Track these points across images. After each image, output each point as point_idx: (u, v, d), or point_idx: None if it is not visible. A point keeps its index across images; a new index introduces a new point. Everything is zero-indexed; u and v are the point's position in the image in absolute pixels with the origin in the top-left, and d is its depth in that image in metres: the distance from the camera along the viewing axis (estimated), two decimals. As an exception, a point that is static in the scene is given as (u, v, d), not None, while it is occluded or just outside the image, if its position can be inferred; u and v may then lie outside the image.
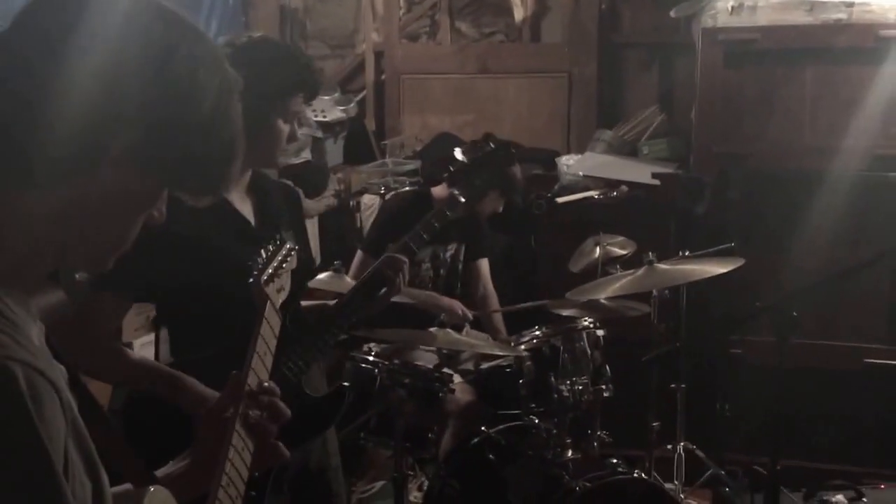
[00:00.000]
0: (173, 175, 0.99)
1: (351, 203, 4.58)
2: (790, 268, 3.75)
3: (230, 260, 1.90)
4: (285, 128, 2.02)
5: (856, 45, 3.75)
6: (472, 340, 2.96)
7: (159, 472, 1.21)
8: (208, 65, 0.99)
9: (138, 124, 0.93)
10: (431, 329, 2.78)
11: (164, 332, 2.35)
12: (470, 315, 3.47)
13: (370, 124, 5.26)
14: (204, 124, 0.97)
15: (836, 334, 3.85)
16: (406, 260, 2.16)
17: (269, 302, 1.45)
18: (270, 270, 1.56)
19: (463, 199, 2.29)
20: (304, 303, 2.26)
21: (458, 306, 3.45)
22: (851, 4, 3.80)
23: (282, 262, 1.62)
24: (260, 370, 1.31)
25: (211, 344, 1.92)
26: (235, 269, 1.76)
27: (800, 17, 3.84)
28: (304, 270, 2.21)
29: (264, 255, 1.60)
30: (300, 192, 2.34)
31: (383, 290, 2.16)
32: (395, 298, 3.26)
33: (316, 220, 4.52)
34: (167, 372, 1.94)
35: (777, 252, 3.81)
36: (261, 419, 1.25)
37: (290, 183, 2.38)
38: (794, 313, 2.17)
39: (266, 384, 1.29)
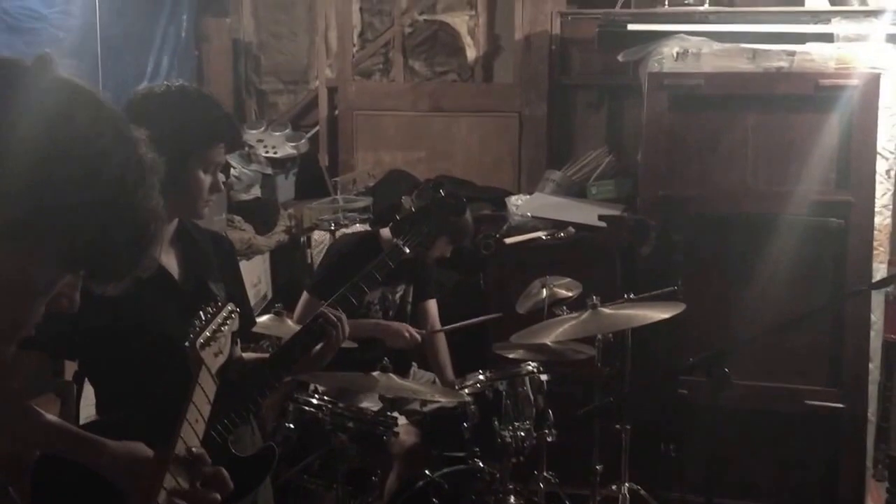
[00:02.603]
0: (71, 258, 0.92)
1: (302, 239, 4.57)
2: (733, 309, 3.81)
3: (149, 315, 1.85)
4: (206, 179, 1.97)
5: (797, 92, 3.83)
6: (414, 386, 2.95)
7: None
8: (109, 143, 0.91)
9: (21, 199, 0.86)
10: (374, 373, 2.77)
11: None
12: (418, 337, 3.47)
13: (323, 160, 5.27)
14: (103, 205, 0.90)
15: (778, 376, 3.91)
16: (342, 316, 2.11)
17: (204, 367, 1.41)
18: (208, 333, 1.50)
19: (407, 250, 2.24)
20: (247, 355, 2.23)
21: (404, 329, 3.45)
22: (793, 53, 3.89)
23: (221, 324, 1.56)
24: (190, 438, 1.27)
25: (134, 402, 1.85)
26: (155, 325, 1.72)
27: (742, 65, 3.92)
28: (242, 324, 2.18)
29: (203, 318, 1.54)
30: (232, 241, 2.28)
31: (319, 346, 2.09)
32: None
33: (267, 255, 4.50)
34: (81, 434, 1.85)
35: (720, 294, 3.87)
36: (190, 489, 1.21)
37: (221, 232, 2.31)
38: (726, 370, 2.19)
39: (195, 451, 1.25)
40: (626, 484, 3.52)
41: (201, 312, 1.54)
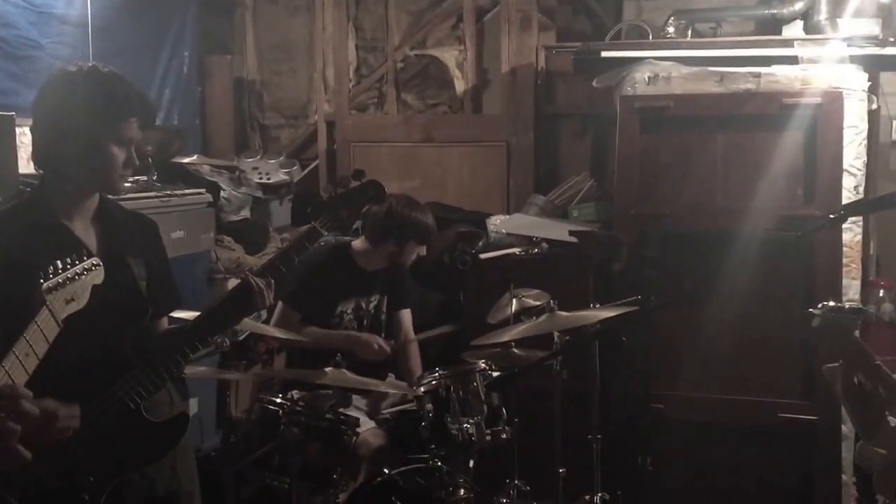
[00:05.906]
0: None
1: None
2: (704, 323, 3.88)
3: None
4: (120, 153, 2.06)
5: (763, 112, 3.93)
6: (361, 378, 3.05)
7: None
8: None
9: None
10: (326, 369, 2.87)
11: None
12: (388, 348, 3.56)
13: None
14: None
15: (751, 390, 3.95)
16: (266, 282, 2.24)
17: (45, 308, 1.47)
18: (59, 279, 1.55)
19: (325, 233, 2.37)
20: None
21: (374, 340, 3.54)
22: (759, 75, 4.01)
23: (79, 273, 1.60)
24: (16, 370, 1.34)
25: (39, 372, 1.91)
26: None
27: (711, 87, 4.05)
28: (167, 304, 2.32)
29: (59, 265, 1.59)
30: (157, 223, 2.38)
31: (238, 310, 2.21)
32: (312, 344, 3.37)
33: (259, 278, 4.66)
34: None
35: (692, 307, 3.93)
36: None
37: (146, 214, 2.43)
38: (624, 338, 2.27)
39: (9, 386, 1.31)
40: (599, 494, 3.57)
41: (58, 260, 1.59)
